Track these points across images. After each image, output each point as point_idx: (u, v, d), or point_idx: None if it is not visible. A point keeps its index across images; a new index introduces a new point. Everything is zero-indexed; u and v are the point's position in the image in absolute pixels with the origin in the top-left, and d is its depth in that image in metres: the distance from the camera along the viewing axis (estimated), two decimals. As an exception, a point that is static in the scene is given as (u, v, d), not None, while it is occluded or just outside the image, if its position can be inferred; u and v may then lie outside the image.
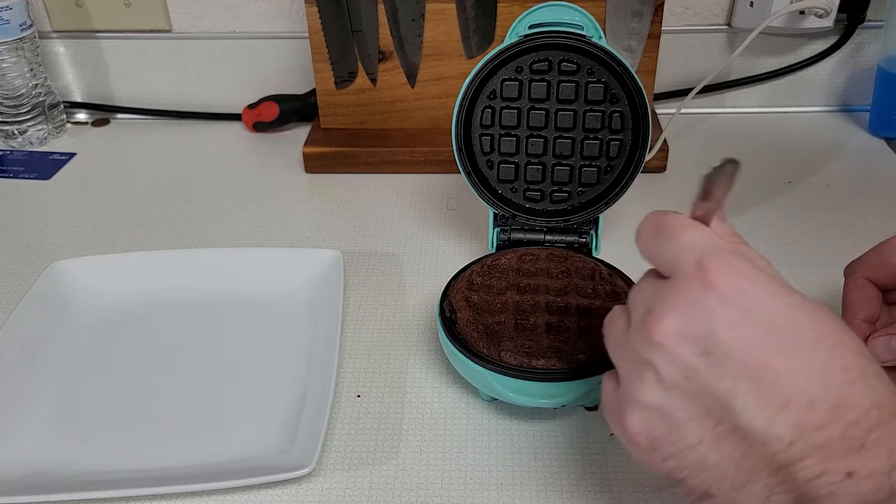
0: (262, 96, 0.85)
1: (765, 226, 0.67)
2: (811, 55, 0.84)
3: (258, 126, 0.85)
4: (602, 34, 0.53)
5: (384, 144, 0.76)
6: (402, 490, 0.44)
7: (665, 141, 0.74)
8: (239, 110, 0.86)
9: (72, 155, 0.83)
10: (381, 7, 0.73)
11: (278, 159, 0.80)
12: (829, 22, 0.78)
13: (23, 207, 0.73)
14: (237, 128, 0.87)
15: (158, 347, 0.55)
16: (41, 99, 0.83)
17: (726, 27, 0.84)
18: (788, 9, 0.75)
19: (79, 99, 0.91)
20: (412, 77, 0.77)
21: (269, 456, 0.45)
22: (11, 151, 0.84)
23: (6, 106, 0.82)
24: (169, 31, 0.87)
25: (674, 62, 0.84)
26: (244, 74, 0.88)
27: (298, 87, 0.87)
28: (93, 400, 0.50)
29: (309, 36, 0.75)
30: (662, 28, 0.73)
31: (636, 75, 0.53)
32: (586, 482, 0.44)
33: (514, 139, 0.56)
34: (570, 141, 0.56)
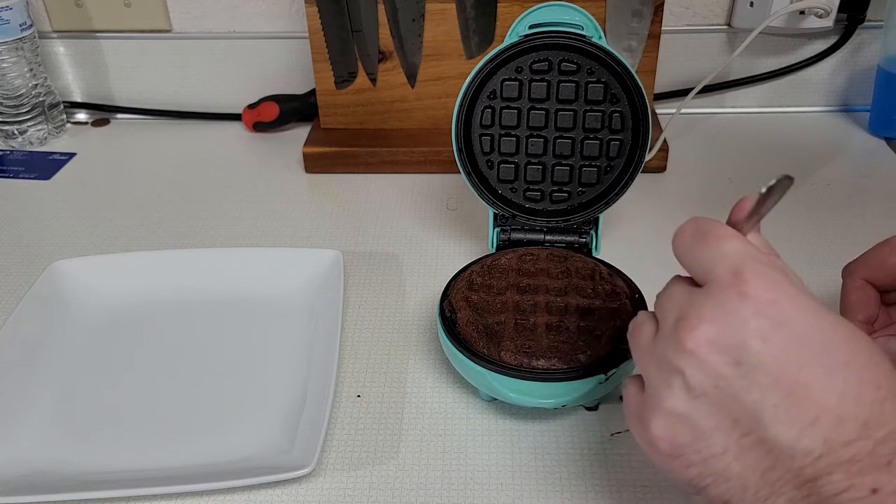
0: (262, 96, 0.85)
1: (764, 225, 0.66)
2: (811, 55, 0.84)
3: (258, 126, 0.85)
4: (602, 34, 0.53)
5: (384, 144, 0.76)
6: (402, 490, 0.44)
7: (665, 141, 0.74)
8: (239, 110, 0.86)
9: (72, 155, 0.83)
10: (381, 7, 0.73)
11: (278, 159, 0.80)
12: (829, 22, 0.78)
13: (23, 207, 0.73)
14: (237, 128, 0.87)
15: (158, 347, 0.55)
16: (41, 99, 0.83)
17: (726, 27, 0.84)
18: (788, 9, 0.75)
19: (79, 99, 0.91)
20: (412, 77, 0.77)
21: (269, 456, 0.45)
22: (11, 151, 0.84)
23: (6, 106, 0.82)
24: (169, 31, 0.87)
25: (674, 62, 0.84)
26: (244, 74, 0.88)
27: (298, 87, 0.87)
28: (93, 400, 0.50)
29: (309, 36, 0.75)
30: (662, 28, 0.73)
31: (636, 75, 0.53)
32: (586, 482, 0.44)
33: (514, 139, 0.56)
34: (570, 141, 0.56)
